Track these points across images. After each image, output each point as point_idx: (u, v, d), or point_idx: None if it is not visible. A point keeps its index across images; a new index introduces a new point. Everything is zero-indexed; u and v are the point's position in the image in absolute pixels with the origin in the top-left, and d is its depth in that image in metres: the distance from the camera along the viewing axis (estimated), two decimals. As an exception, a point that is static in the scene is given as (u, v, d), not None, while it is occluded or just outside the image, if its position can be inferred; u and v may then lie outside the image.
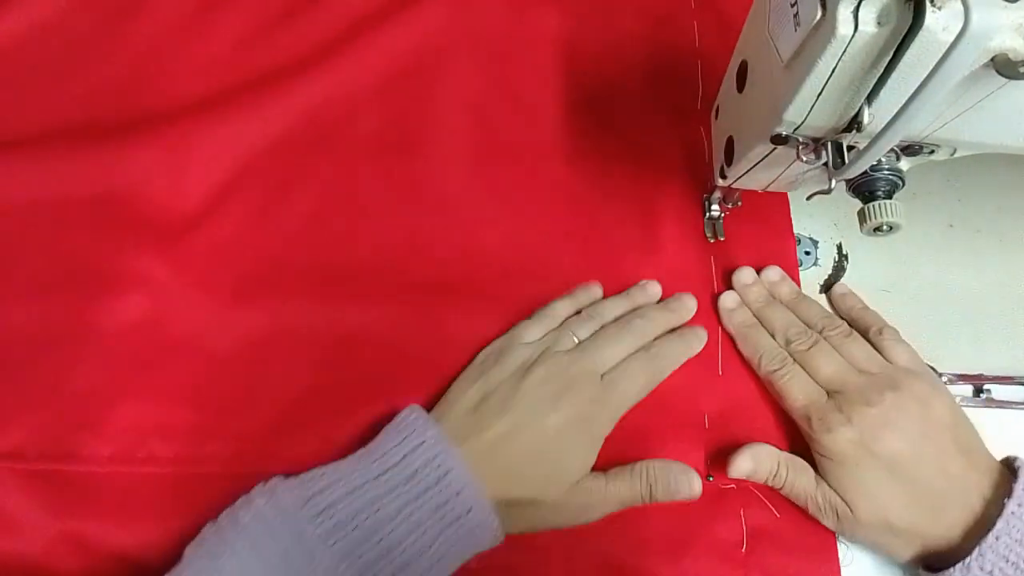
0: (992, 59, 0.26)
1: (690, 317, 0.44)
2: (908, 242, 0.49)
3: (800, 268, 0.48)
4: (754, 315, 0.44)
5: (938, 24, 0.25)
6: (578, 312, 0.44)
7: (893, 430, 0.38)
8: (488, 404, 0.38)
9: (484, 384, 0.39)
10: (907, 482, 0.37)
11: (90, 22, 0.49)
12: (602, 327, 0.42)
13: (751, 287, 0.45)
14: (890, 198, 0.35)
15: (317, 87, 0.48)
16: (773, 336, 0.43)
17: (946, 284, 0.48)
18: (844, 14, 0.26)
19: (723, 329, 0.45)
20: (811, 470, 0.40)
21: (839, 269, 0.48)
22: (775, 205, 0.48)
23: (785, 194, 0.49)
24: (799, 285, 0.46)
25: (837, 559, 0.40)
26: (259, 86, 0.48)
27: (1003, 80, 0.27)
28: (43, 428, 0.39)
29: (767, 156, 0.36)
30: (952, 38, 0.24)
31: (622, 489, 0.39)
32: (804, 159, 0.33)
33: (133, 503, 0.38)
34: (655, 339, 0.42)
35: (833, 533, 0.40)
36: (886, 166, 0.35)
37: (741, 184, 0.42)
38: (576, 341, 0.41)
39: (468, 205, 0.47)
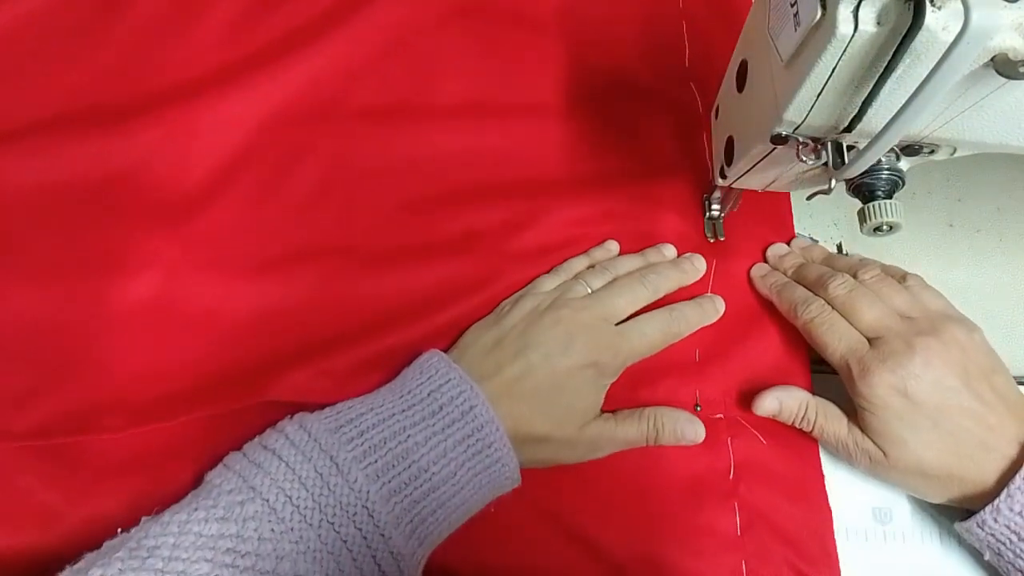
0: (992, 58, 0.26)
1: (699, 277, 0.45)
2: (908, 242, 0.49)
3: (800, 268, 0.48)
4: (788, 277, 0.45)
5: (938, 23, 0.25)
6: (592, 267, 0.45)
7: (934, 378, 0.37)
8: (503, 347, 0.40)
9: (499, 329, 0.41)
10: (945, 430, 0.37)
11: (88, 8, 0.50)
12: (615, 279, 0.43)
13: (785, 257, 0.46)
14: (890, 198, 0.35)
15: (315, 61, 0.49)
16: (812, 289, 0.43)
17: (946, 283, 0.48)
18: (844, 13, 0.26)
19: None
20: (843, 415, 0.40)
21: (839, 269, 0.48)
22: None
23: (786, 194, 0.49)
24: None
25: (824, 488, 0.42)
26: (257, 62, 0.48)
27: (1003, 79, 0.27)
28: (62, 407, 0.40)
29: (767, 156, 0.36)
30: (952, 37, 0.24)
31: (630, 431, 0.40)
32: (804, 159, 0.33)
33: (147, 459, 0.39)
34: (676, 303, 0.44)
35: (819, 464, 0.42)
36: (886, 166, 0.35)
37: (741, 184, 0.42)
38: (589, 291, 0.42)
39: (466, 176, 0.48)
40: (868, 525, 0.42)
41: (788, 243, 0.47)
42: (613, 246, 0.46)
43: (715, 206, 0.47)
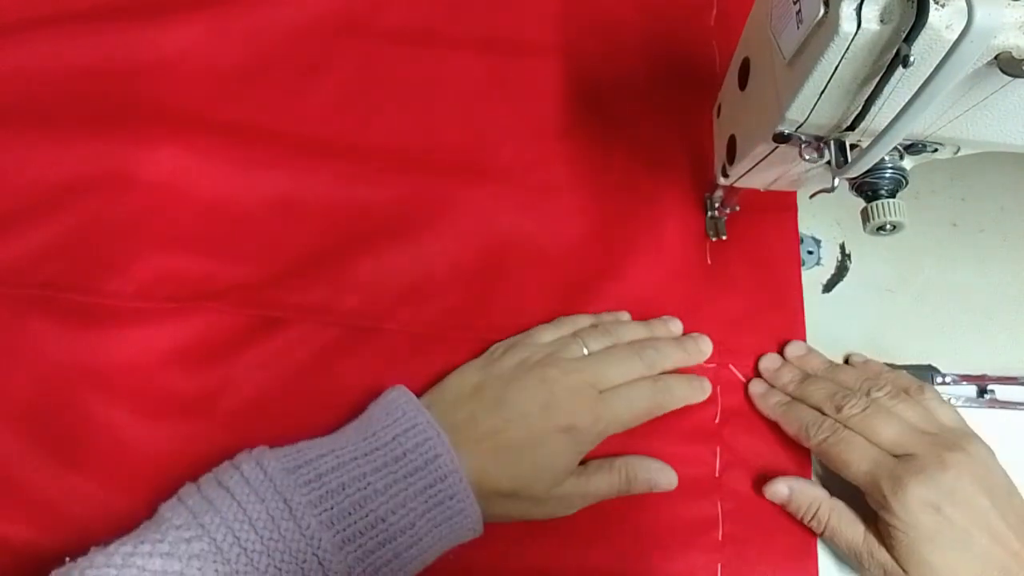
0: (996, 57, 0.26)
1: (702, 360, 0.44)
2: (911, 241, 0.49)
3: (803, 267, 0.47)
4: (791, 396, 0.43)
5: (941, 22, 0.25)
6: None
7: (967, 495, 0.36)
8: (482, 395, 0.39)
9: (484, 374, 0.40)
10: (972, 554, 0.36)
11: None
12: (614, 345, 0.42)
13: (780, 371, 0.44)
14: (893, 197, 0.35)
15: None
16: (820, 408, 0.41)
17: (949, 283, 0.48)
18: (847, 11, 0.26)
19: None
20: (858, 521, 0.39)
21: (842, 268, 0.48)
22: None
23: (789, 193, 0.49)
24: (801, 285, 0.46)
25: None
26: None
27: (1007, 78, 0.27)
28: (75, 264, 0.42)
29: (769, 155, 0.36)
30: (956, 36, 0.24)
31: (601, 485, 0.40)
32: (807, 158, 0.33)
33: (150, 335, 0.41)
34: (663, 373, 0.42)
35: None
36: (889, 165, 0.34)
37: (743, 183, 0.42)
38: (585, 352, 0.41)
39: (474, 112, 0.49)
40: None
41: (780, 352, 0.45)
42: (624, 316, 0.45)
43: (717, 205, 0.47)
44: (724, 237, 0.47)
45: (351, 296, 0.44)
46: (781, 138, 0.33)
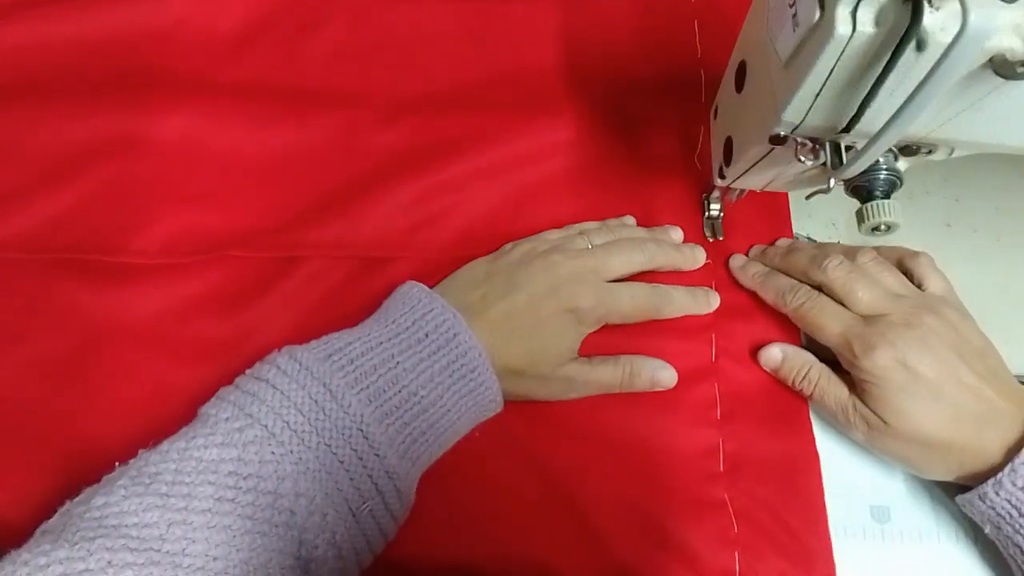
0: (990, 59, 0.27)
1: (695, 267, 0.46)
2: (906, 242, 0.49)
3: (798, 268, 0.48)
4: (776, 268, 0.45)
5: (936, 24, 0.25)
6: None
7: (933, 352, 0.38)
8: (492, 281, 0.41)
9: (493, 265, 0.43)
10: (945, 402, 0.38)
11: None
12: (617, 239, 0.44)
13: (767, 250, 0.47)
14: (888, 198, 0.35)
15: None
16: (805, 271, 0.43)
17: (944, 283, 0.48)
18: (842, 14, 0.26)
19: None
20: (843, 382, 0.41)
21: (837, 269, 0.48)
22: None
23: (784, 193, 0.49)
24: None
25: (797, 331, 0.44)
26: None
27: (1001, 80, 0.27)
28: (98, 228, 0.44)
29: (765, 156, 0.36)
30: (950, 38, 0.24)
31: (604, 374, 0.42)
32: (802, 159, 0.33)
33: (176, 287, 0.43)
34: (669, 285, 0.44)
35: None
36: (884, 166, 0.35)
37: (740, 184, 0.42)
38: (589, 247, 0.43)
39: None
40: (866, 523, 0.42)
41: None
42: (629, 219, 0.47)
43: (714, 206, 0.47)
44: (721, 238, 0.47)
45: (365, 230, 0.46)
46: (777, 140, 0.33)
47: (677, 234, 0.47)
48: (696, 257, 0.46)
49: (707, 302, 0.45)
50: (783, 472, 0.42)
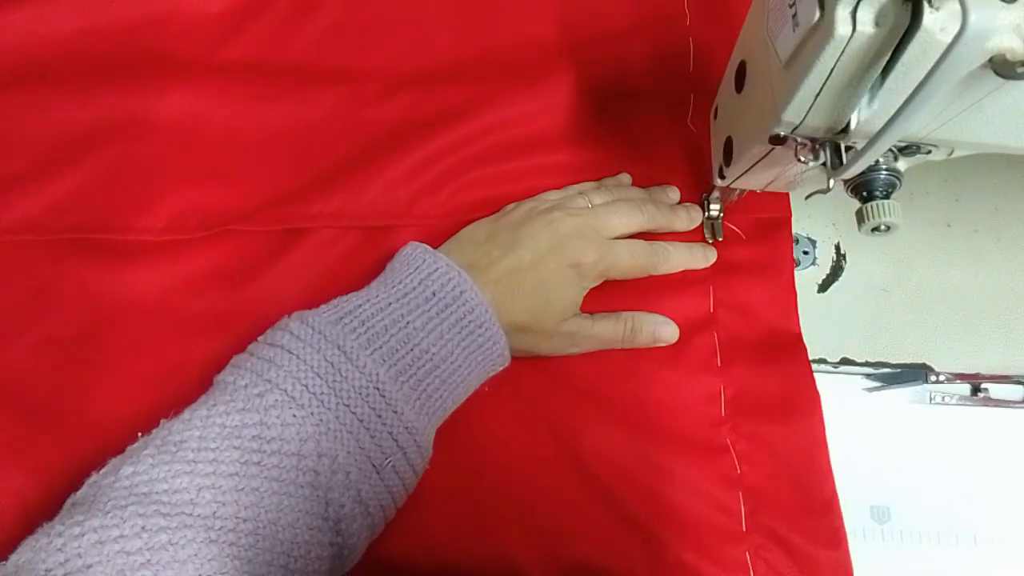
0: (990, 59, 0.27)
1: (691, 227, 0.47)
2: (906, 242, 0.49)
3: (798, 268, 0.48)
4: None
5: (936, 24, 0.25)
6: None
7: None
8: (495, 240, 0.42)
9: (496, 224, 0.43)
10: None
11: None
12: (616, 199, 0.45)
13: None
14: (888, 198, 0.35)
15: None
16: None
17: (943, 283, 0.48)
18: (842, 14, 0.26)
19: None
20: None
21: (837, 269, 0.48)
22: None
23: (784, 194, 0.49)
24: (795, 286, 0.47)
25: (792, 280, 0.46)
26: None
27: (1001, 80, 0.27)
28: (104, 208, 0.45)
29: (765, 156, 0.36)
30: (950, 39, 0.24)
31: (606, 329, 0.43)
32: (802, 159, 0.33)
33: (185, 262, 0.44)
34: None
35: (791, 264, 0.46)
36: (884, 166, 0.35)
37: (740, 184, 0.42)
38: (589, 206, 0.44)
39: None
40: (866, 524, 0.42)
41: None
42: (626, 178, 0.48)
43: (714, 206, 0.47)
44: (720, 238, 0.47)
45: (367, 200, 0.46)
46: (777, 140, 0.33)
47: (674, 194, 0.47)
48: (692, 218, 0.47)
49: (704, 256, 0.46)
50: (783, 412, 0.43)
